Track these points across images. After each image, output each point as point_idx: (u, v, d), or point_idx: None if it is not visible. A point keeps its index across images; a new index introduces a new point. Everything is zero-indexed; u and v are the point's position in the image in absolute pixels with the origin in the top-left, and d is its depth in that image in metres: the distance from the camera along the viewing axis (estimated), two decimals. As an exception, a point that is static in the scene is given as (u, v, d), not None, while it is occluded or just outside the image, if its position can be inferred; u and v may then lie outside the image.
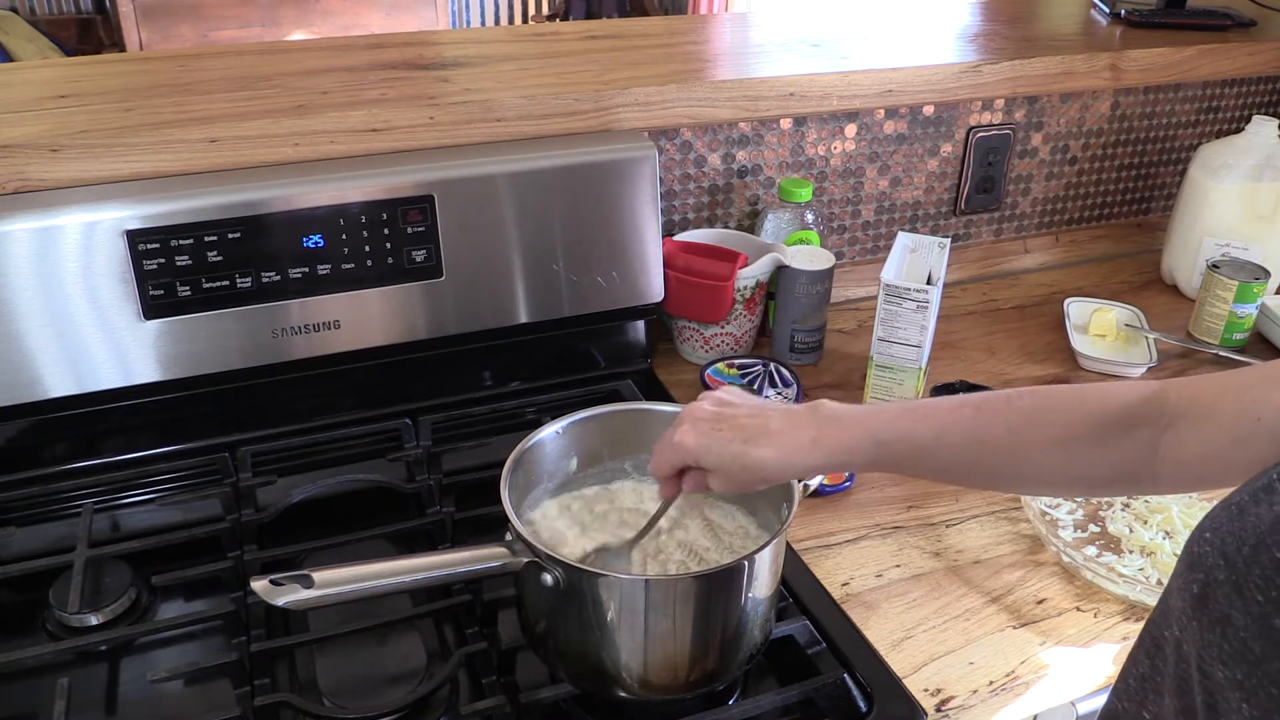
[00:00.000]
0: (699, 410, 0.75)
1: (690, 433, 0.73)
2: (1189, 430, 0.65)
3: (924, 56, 1.36)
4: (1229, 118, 1.61)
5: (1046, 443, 0.69)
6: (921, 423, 0.71)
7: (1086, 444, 0.68)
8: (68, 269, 0.94)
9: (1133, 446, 0.67)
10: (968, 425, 0.70)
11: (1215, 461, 0.64)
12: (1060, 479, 0.72)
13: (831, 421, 0.72)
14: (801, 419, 0.72)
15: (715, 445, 0.72)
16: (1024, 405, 0.70)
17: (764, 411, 0.74)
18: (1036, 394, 0.71)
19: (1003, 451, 0.70)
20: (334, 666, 0.82)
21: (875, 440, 0.71)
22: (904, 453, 0.71)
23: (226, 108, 1.06)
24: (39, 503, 1.00)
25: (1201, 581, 0.51)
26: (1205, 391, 0.65)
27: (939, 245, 1.17)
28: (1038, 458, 0.69)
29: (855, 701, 0.80)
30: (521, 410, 1.12)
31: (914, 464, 0.73)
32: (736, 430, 0.72)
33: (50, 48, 3.46)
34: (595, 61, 1.27)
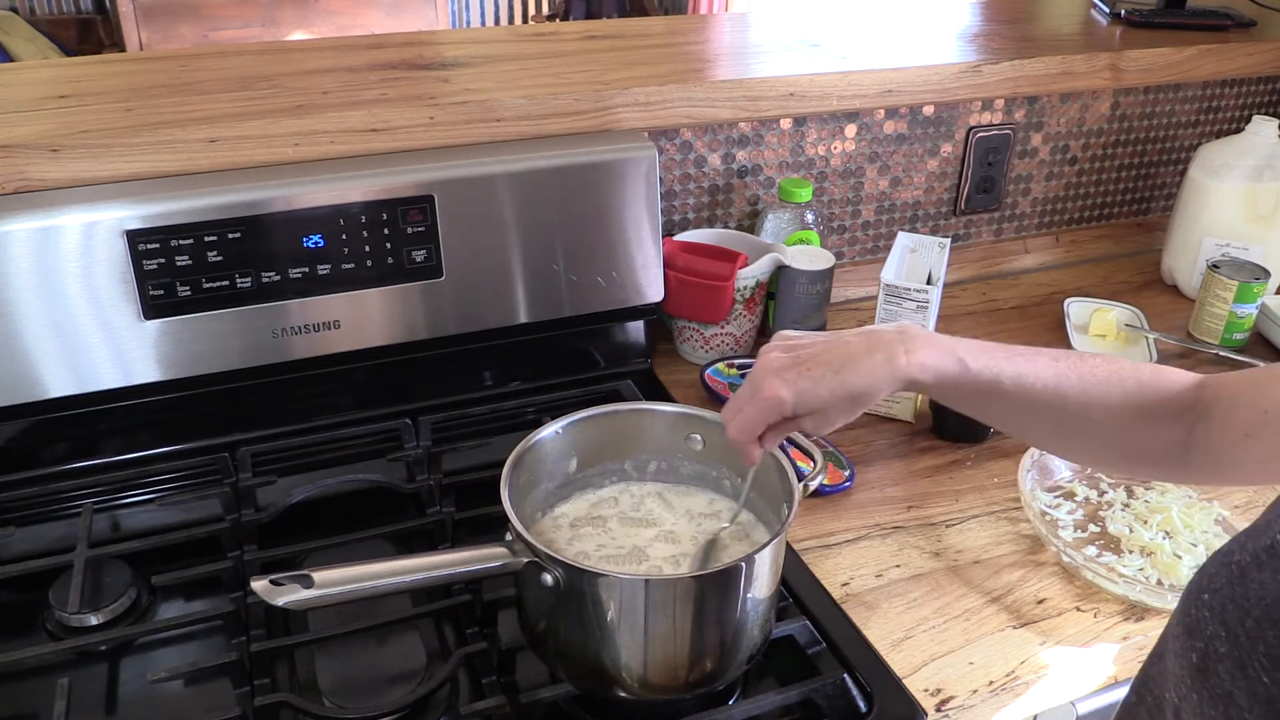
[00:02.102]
0: (774, 361, 0.72)
1: (779, 384, 0.70)
2: (1215, 422, 0.67)
3: (924, 56, 1.36)
4: (1229, 118, 1.61)
5: (1110, 406, 0.70)
6: (1006, 360, 0.71)
7: (1142, 417, 0.70)
8: (68, 269, 0.94)
9: (1175, 429, 0.69)
10: (1048, 372, 0.71)
11: (1232, 454, 0.66)
12: (1110, 446, 0.73)
13: (920, 337, 0.72)
14: (885, 336, 0.72)
15: (811, 387, 0.70)
16: (1096, 364, 0.72)
17: (840, 339, 0.73)
18: (1107, 359, 0.72)
19: (1072, 405, 0.71)
20: (334, 666, 0.82)
21: (964, 365, 0.71)
22: (984, 385, 0.71)
23: (226, 108, 1.06)
24: (39, 503, 1.00)
25: (1201, 651, 0.49)
26: (1228, 384, 0.68)
27: (939, 245, 1.17)
28: (1099, 419, 0.71)
29: (855, 701, 0.80)
30: (521, 410, 1.12)
31: (988, 400, 0.73)
32: (824, 365, 0.70)
33: (50, 48, 3.46)
34: (595, 61, 1.27)
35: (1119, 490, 1.04)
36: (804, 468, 0.86)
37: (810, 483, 0.82)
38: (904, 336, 0.72)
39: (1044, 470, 1.04)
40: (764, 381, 0.71)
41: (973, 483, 1.06)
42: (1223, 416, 0.66)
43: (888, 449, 1.11)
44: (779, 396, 0.70)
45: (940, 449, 1.11)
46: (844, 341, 0.72)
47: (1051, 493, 1.03)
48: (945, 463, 1.09)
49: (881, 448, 1.11)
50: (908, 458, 1.10)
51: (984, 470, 1.08)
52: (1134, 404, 0.70)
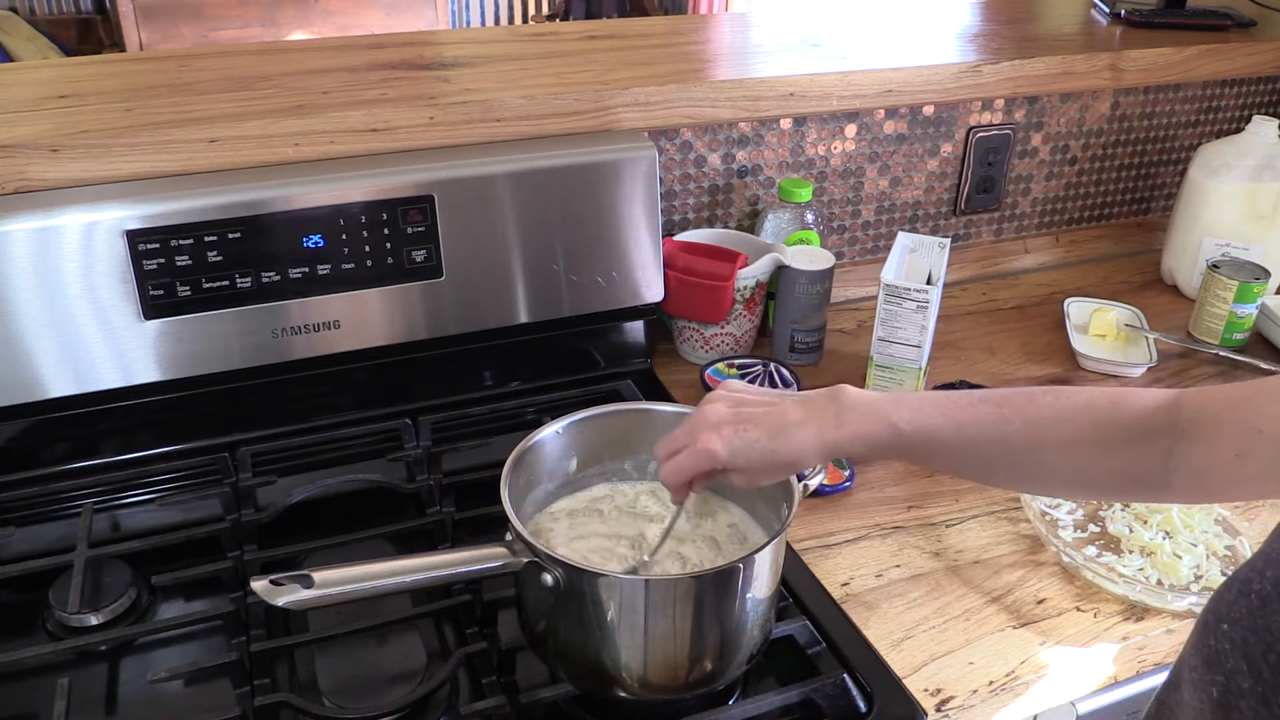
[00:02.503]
0: (715, 414, 0.74)
1: (715, 439, 0.72)
2: (1198, 441, 0.65)
3: (924, 56, 1.36)
4: (1229, 118, 1.61)
5: (1062, 444, 0.69)
6: (943, 415, 0.71)
7: (1102, 449, 0.68)
8: (68, 269, 0.94)
9: (1146, 455, 0.67)
10: (989, 420, 0.70)
11: (1221, 473, 0.64)
12: (1073, 481, 0.72)
13: (852, 409, 0.72)
14: (821, 406, 0.72)
15: (744, 447, 0.72)
16: (1043, 404, 0.70)
17: (781, 403, 0.74)
18: (1056, 394, 0.70)
19: (1020, 449, 0.70)
20: (334, 666, 0.82)
21: (896, 430, 0.71)
22: (923, 443, 0.71)
23: (226, 108, 1.06)
24: (39, 503, 1.00)
25: (1222, 686, 0.48)
26: (1213, 401, 0.65)
27: (939, 245, 1.17)
28: (1052, 458, 0.70)
29: (855, 701, 0.80)
30: (521, 410, 1.12)
31: (932, 456, 0.73)
32: (761, 429, 0.72)
33: (50, 48, 3.46)
34: (595, 61, 1.27)
35: (1119, 490, 1.04)
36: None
37: (810, 483, 0.82)
38: (840, 408, 0.72)
39: (1044, 470, 1.04)
40: (701, 433, 0.73)
41: (973, 483, 1.06)
42: (1207, 437, 0.65)
43: (888, 449, 1.11)
44: (713, 451, 0.72)
45: (940, 449, 1.11)
46: (783, 408, 0.73)
47: (1051, 493, 1.03)
48: (945, 463, 1.09)
49: (881, 448, 1.11)
50: (908, 458, 1.10)
51: (984, 470, 1.08)
52: (1094, 437, 0.69)
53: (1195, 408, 0.65)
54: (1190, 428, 0.65)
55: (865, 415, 0.71)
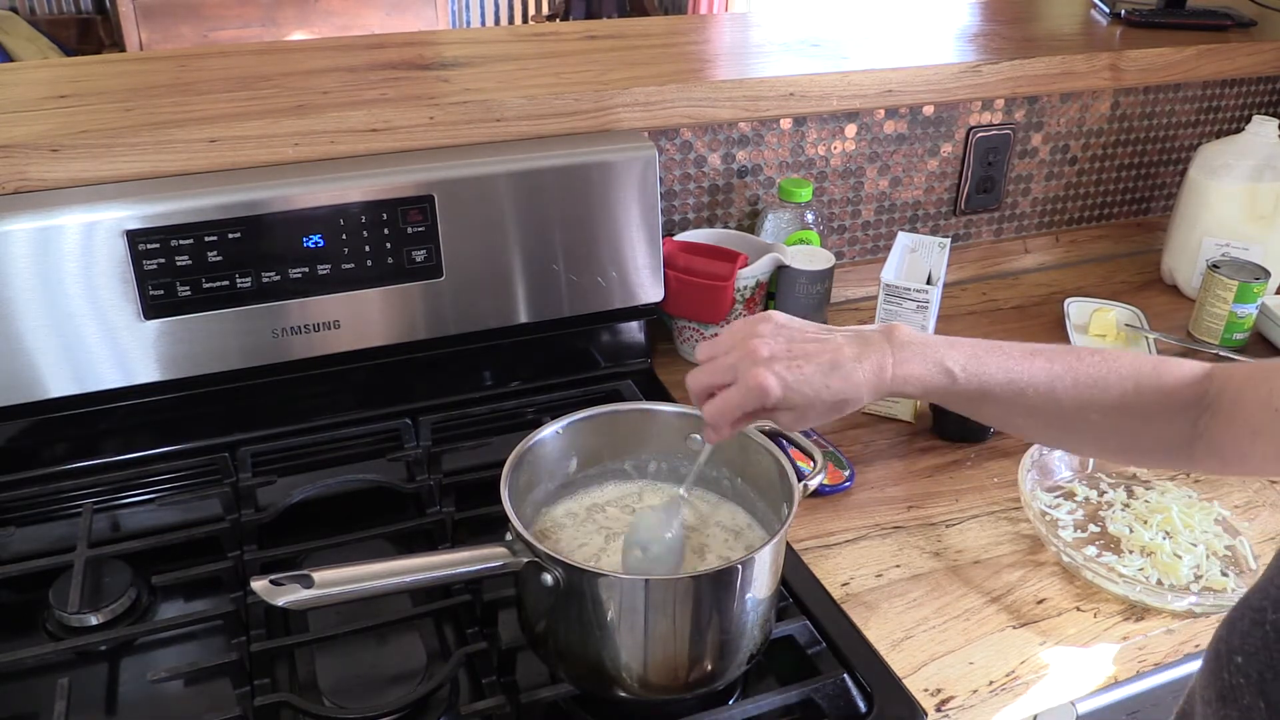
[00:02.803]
0: (766, 348, 0.69)
1: (770, 375, 0.68)
2: (1222, 417, 0.66)
3: (924, 56, 1.36)
4: (1229, 118, 1.61)
5: (1107, 406, 0.70)
6: (997, 365, 0.70)
7: (1141, 414, 0.69)
8: (68, 269, 0.94)
9: (1178, 423, 0.68)
10: (1041, 375, 0.70)
11: (1238, 448, 0.66)
12: (1108, 441, 0.73)
13: (908, 347, 0.71)
14: (877, 344, 0.71)
15: (799, 384, 0.68)
16: (1091, 364, 0.70)
17: (833, 338, 0.71)
18: (1104, 355, 0.71)
19: (1066, 407, 0.70)
20: (334, 666, 0.82)
21: (952, 375, 0.70)
22: (975, 390, 0.70)
23: (226, 108, 1.06)
24: (39, 503, 1.00)
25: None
26: (1238, 377, 0.66)
27: (939, 245, 1.17)
28: (1096, 418, 0.70)
29: (855, 701, 0.80)
30: (521, 410, 1.12)
31: (981, 403, 0.73)
32: (815, 365, 0.69)
33: (50, 48, 3.46)
34: (595, 61, 1.27)
35: (1119, 490, 1.04)
36: (804, 468, 0.86)
37: (810, 483, 0.82)
38: (894, 346, 0.71)
39: (1044, 470, 1.04)
40: (753, 369, 0.69)
41: (973, 483, 1.06)
42: (1229, 411, 0.65)
43: (888, 449, 1.11)
44: (767, 387, 0.68)
45: (940, 449, 1.11)
46: (836, 344, 0.70)
47: (1051, 493, 1.03)
48: (945, 463, 1.09)
49: (881, 448, 1.11)
50: (908, 458, 1.10)
51: (984, 470, 1.08)
52: (1132, 403, 0.69)
53: (1223, 381, 0.66)
54: (1216, 401, 0.66)
55: (921, 356, 0.70)
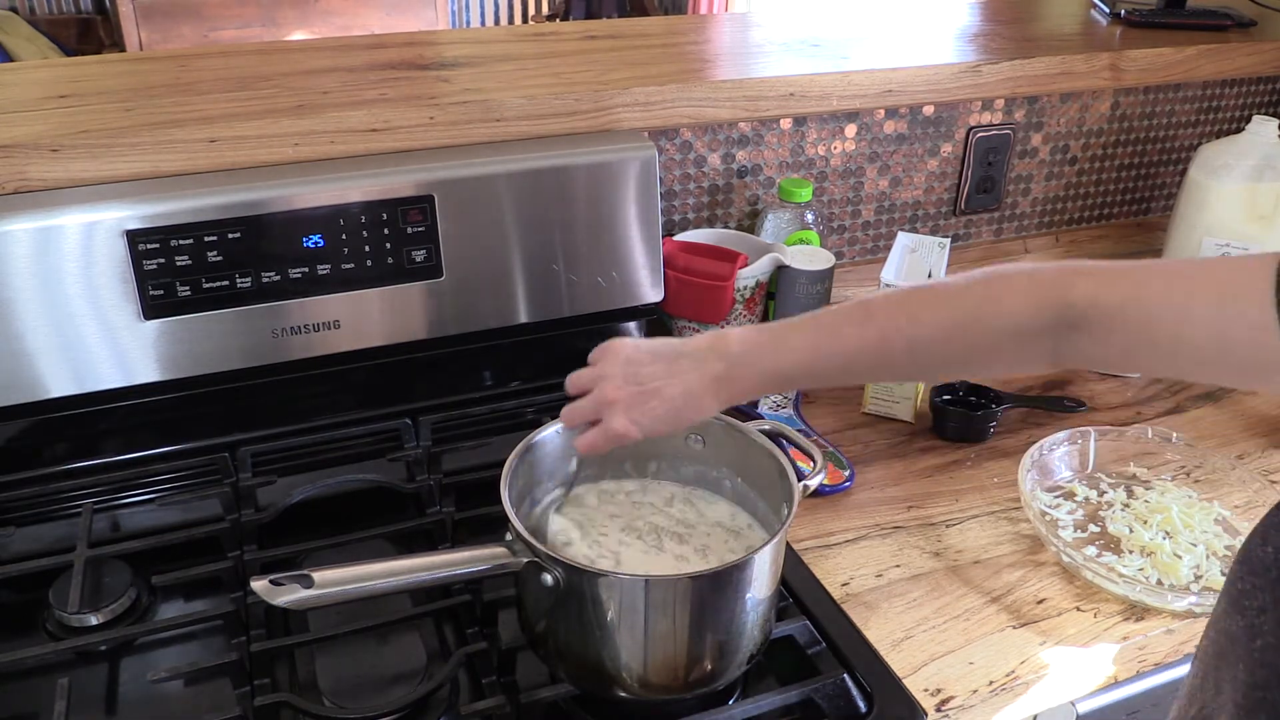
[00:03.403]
0: (618, 391, 0.78)
1: (626, 421, 0.77)
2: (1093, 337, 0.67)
3: (924, 56, 1.36)
4: (1229, 118, 1.61)
5: (951, 355, 0.74)
6: (830, 349, 0.75)
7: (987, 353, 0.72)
8: (68, 269, 0.94)
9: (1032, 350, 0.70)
10: (873, 352, 0.74)
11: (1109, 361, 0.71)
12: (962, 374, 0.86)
13: (741, 363, 0.77)
14: (708, 362, 0.77)
15: (651, 423, 0.77)
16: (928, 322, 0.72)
17: (675, 367, 0.78)
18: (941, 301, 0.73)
19: (905, 366, 0.77)
20: (334, 666, 0.82)
21: (784, 376, 0.77)
22: (807, 379, 0.80)
23: (226, 108, 1.06)
24: (39, 503, 0.99)
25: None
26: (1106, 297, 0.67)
27: (939, 245, 1.17)
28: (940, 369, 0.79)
29: (855, 701, 0.80)
30: (521, 410, 1.12)
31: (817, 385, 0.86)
32: (663, 401, 0.77)
33: (50, 48, 3.46)
34: (595, 61, 1.27)
35: (1119, 490, 1.04)
36: (804, 468, 0.86)
37: (810, 483, 0.82)
38: (728, 365, 0.77)
39: (1044, 470, 1.04)
40: (613, 417, 0.77)
41: (973, 483, 1.06)
42: (1100, 333, 0.67)
43: (888, 449, 1.11)
44: (625, 433, 0.77)
45: (940, 449, 1.11)
46: (681, 374, 0.77)
47: (1051, 493, 1.03)
48: (945, 463, 1.09)
49: (881, 448, 1.11)
50: (908, 458, 1.10)
51: (984, 470, 1.08)
52: (979, 345, 0.72)
53: (1089, 299, 0.67)
54: (1082, 321, 0.67)
55: (753, 368, 0.76)
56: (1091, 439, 1.06)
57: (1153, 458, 1.07)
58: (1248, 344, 0.60)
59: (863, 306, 0.75)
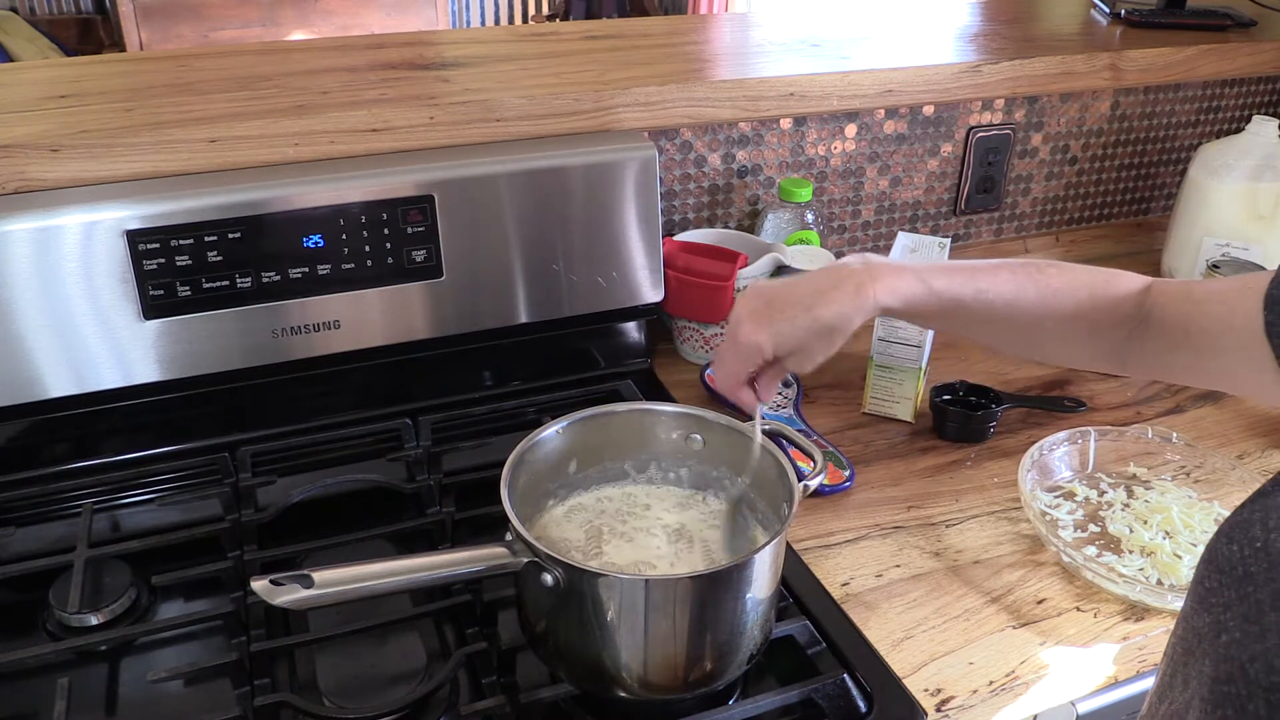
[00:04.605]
0: (747, 308, 0.75)
1: (755, 329, 0.73)
2: (1151, 330, 0.73)
3: (924, 56, 1.36)
4: (1229, 118, 1.61)
5: (1063, 316, 0.76)
6: (967, 279, 0.76)
7: (1088, 325, 0.76)
8: (68, 269, 0.94)
9: (1118, 334, 0.75)
10: (1007, 287, 0.76)
11: (1160, 360, 0.74)
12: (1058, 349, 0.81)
13: (883, 266, 0.75)
14: (850, 269, 0.75)
15: (786, 327, 0.73)
16: (1052, 275, 0.77)
17: (809, 278, 0.76)
18: (1061, 268, 0.77)
19: (1027, 315, 0.77)
20: (334, 666, 0.82)
21: (930, 288, 0.75)
22: (950, 302, 0.75)
23: (226, 108, 1.06)
24: (39, 503, 1.00)
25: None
26: (1165, 294, 0.74)
27: (939, 245, 1.17)
28: (1050, 326, 0.77)
29: (855, 701, 0.80)
30: (521, 410, 1.12)
31: (952, 316, 0.78)
32: (795, 305, 0.73)
33: (50, 48, 3.46)
34: (595, 61, 1.27)
35: (1119, 490, 1.04)
36: (804, 468, 0.86)
37: (810, 483, 0.82)
38: (869, 267, 0.75)
39: (1044, 470, 1.04)
40: (739, 328, 0.74)
41: (973, 483, 1.06)
42: (1156, 326, 0.73)
43: (888, 449, 1.11)
44: (755, 341, 0.73)
45: (940, 449, 1.11)
46: (811, 279, 0.75)
47: (1051, 493, 1.03)
48: (945, 463, 1.09)
49: (881, 448, 1.11)
50: (908, 458, 1.10)
51: (984, 470, 1.08)
52: (1084, 313, 0.76)
53: (1155, 295, 0.73)
54: (1149, 316, 0.73)
55: (898, 273, 0.75)
56: (1091, 439, 1.06)
57: (1153, 458, 1.07)
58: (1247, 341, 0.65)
59: (988, 261, 0.79)
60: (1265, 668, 0.48)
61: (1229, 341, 0.67)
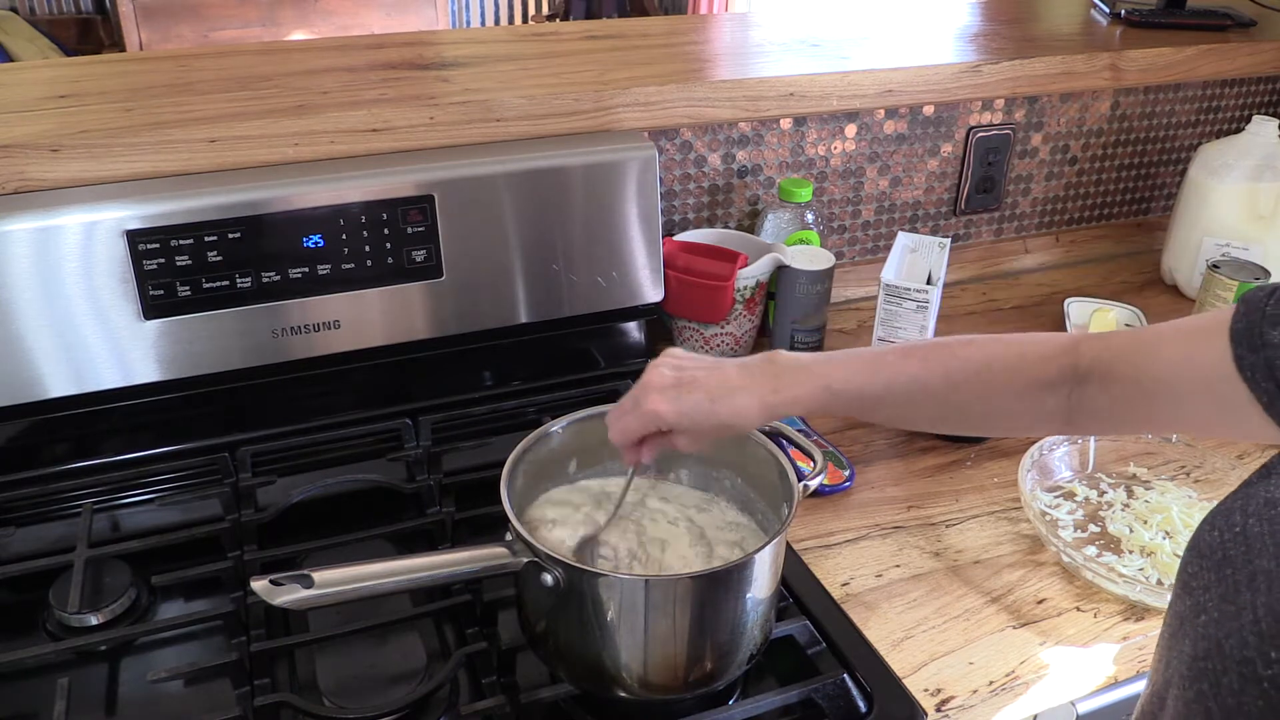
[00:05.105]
0: (660, 378, 0.76)
1: (660, 401, 0.75)
2: (1093, 387, 0.72)
3: (924, 56, 1.36)
4: (1229, 118, 1.61)
5: (981, 393, 0.76)
6: (872, 374, 0.76)
7: (1013, 395, 0.75)
8: (68, 269, 0.94)
9: (1053, 399, 0.74)
10: (913, 376, 0.76)
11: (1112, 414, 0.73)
12: (990, 422, 0.80)
13: (789, 372, 0.76)
14: (759, 370, 0.76)
15: (688, 409, 0.75)
16: (963, 357, 0.76)
17: (721, 367, 0.77)
18: (971, 345, 0.77)
19: (941, 400, 0.77)
20: (334, 666, 0.82)
21: (831, 391, 0.76)
22: (854, 400, 0.77)
23: (226, 108, 1.06)
24: (39, 503, 1.00)
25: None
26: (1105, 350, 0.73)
27: (939, 245, 1.17)
28: (973, 406, 0.77)
29: (855, 701, 0.80)
30: (522, 410, 1.12)
31: (863, 410, 0.80)
32: (703, 391, 0.75)
33: (50, 48, 3.46)
34: (595, 61, 1.27)
35: (1119, 490, 1.04)
36: (804, 468, 0.86)
37: (810, 483, 0.82)
38: (776, 371, 0.76)
39: (1044, 470, 1.04)
40: (647, 396, 0.76)
41: (973, 483, 1.06)
42: (1100, 383, 0.72)
43: (888, 449, 1.11)
44: (658, 412, 0.75)
45: (940, 449, 1.11)
46: (724, 372, 0.77)
47: (1051, 493, 1.03)
48: (945, 463, 1.09)
49: (881, 448, 1.11)
50: (908, 458, 1.10)
51: (984, 470, 1.08)
52: (1003, 386, 0.75)
53: (1092, 355, 0.72)
54: (1089, 373, 0.72)
55: (800, 379, 0.76)
56: (1091, 439, 1.06)
57: (1153, 458, 1.08)
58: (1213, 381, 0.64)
59: (905, 345, 0.79)
60: (1239, 643, 0.49)
61: (1190, 386, 0.66)
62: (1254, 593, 0.50)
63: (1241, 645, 0.49)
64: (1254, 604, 0.50)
